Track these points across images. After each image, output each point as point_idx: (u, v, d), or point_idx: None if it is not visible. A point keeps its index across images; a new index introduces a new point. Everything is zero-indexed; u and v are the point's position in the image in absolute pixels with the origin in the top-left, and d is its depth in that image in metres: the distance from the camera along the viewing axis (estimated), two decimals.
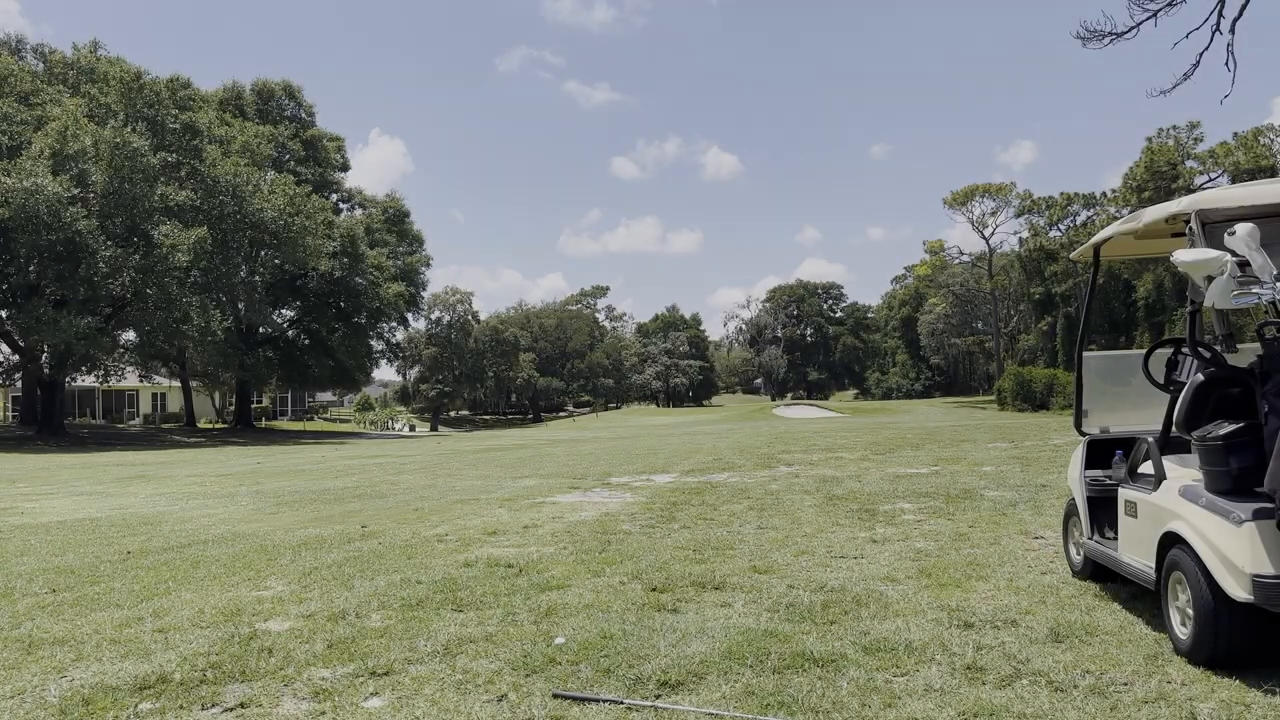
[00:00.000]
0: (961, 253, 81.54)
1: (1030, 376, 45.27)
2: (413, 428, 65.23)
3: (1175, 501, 3.83)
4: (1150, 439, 4.31)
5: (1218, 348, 3.98)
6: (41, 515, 10.27)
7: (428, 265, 60.14)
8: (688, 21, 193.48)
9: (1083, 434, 5.20)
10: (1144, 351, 4.91)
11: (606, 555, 6.19)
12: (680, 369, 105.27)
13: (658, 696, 3.38)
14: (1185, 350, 4.39)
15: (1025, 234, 65.94)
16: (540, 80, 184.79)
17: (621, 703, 3.30)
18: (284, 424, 65.24)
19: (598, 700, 3.32)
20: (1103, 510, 4.84)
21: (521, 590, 5.16)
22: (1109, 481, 4.86)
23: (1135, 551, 4.23)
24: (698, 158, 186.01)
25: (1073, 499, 5.25)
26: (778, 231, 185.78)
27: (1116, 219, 6.15)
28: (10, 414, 54.32)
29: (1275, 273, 3.46)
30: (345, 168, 59.09)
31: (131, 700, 3.48)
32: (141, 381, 57.33)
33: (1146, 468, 4.35)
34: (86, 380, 47.48)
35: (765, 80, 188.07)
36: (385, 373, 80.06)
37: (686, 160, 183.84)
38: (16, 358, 38.54)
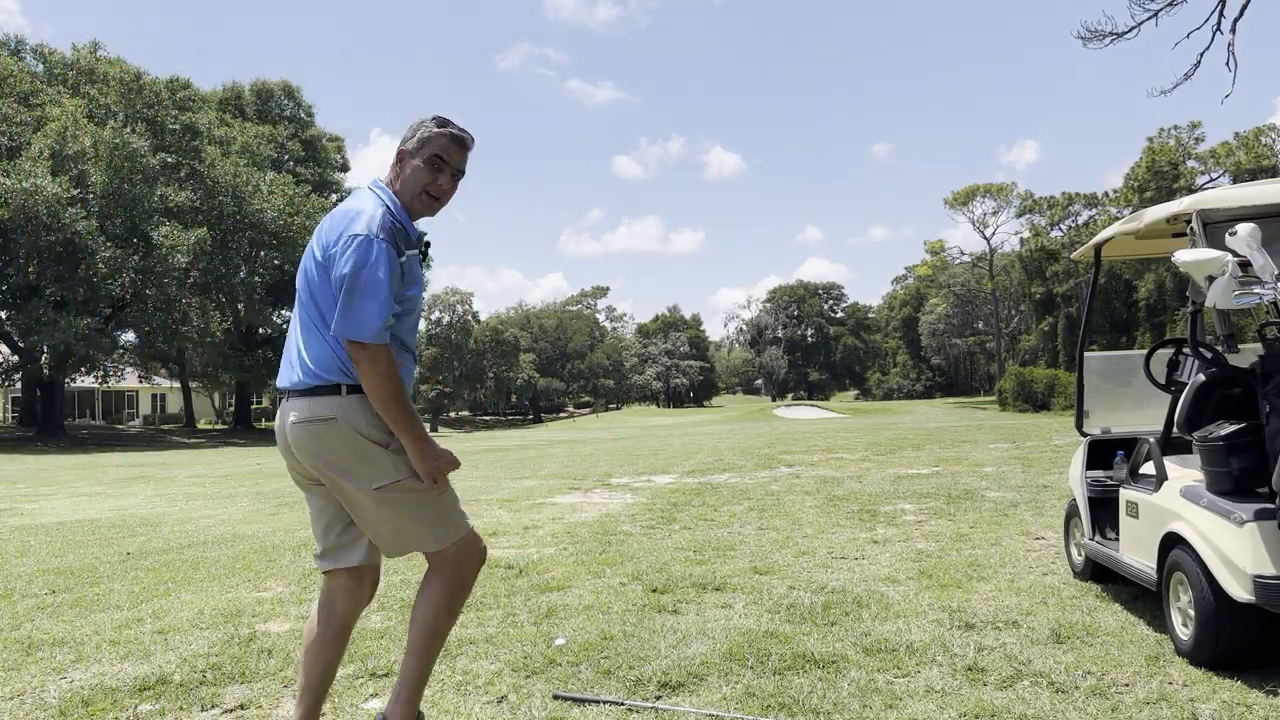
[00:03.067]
0: (962, 253, 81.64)
1: (1031, 377, 45.29)
2: None
3: (1176, 502, 3.82)
4: (1151, 439, 4.30)
5: (1219, 348, 3.97)
6: (41, 516, 10.27)
7: (428, 266, 60.17)
8: (691, 20, 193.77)
9: (1084, 434, 5.19)
10: (1145, 352, 4.90)
11: (607, 556, 6.18)
12: (680, 369, 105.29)
13: (658, 698, 3.37)
14: (1186, 350, 4.38)
15: (1026, 234, 65.97)
16: (542, 78, 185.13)
17: (622, 704, 3.29)
18: None
19: (598, 701, 3.32)
20: (1104, 511, 4.83)
21: (522, 591, 5.15)
22: (1110, 482, 4.85)
23: (1136, 552, 4.22)
24: (700, 157, 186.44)
25: (1074, 500, 5.24)
26: (779, 231, 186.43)
27: (1118, 219, 6.16)
28: (10, 415, 54.31)
29: (1276, 273, 3.46)
30: (345, 168, 59.08)
31: (131, 702, 3.48)
32: (141, 382, 57.36)
33: (1148, 468, 4.34)
34: (86, 381, 47.47)
35: (768, 79, 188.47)
36: None
37: (689, 159, 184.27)
38: (16, 358, 38.53)
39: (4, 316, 37.46)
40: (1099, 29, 16.06)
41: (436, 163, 2.72)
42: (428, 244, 2.84)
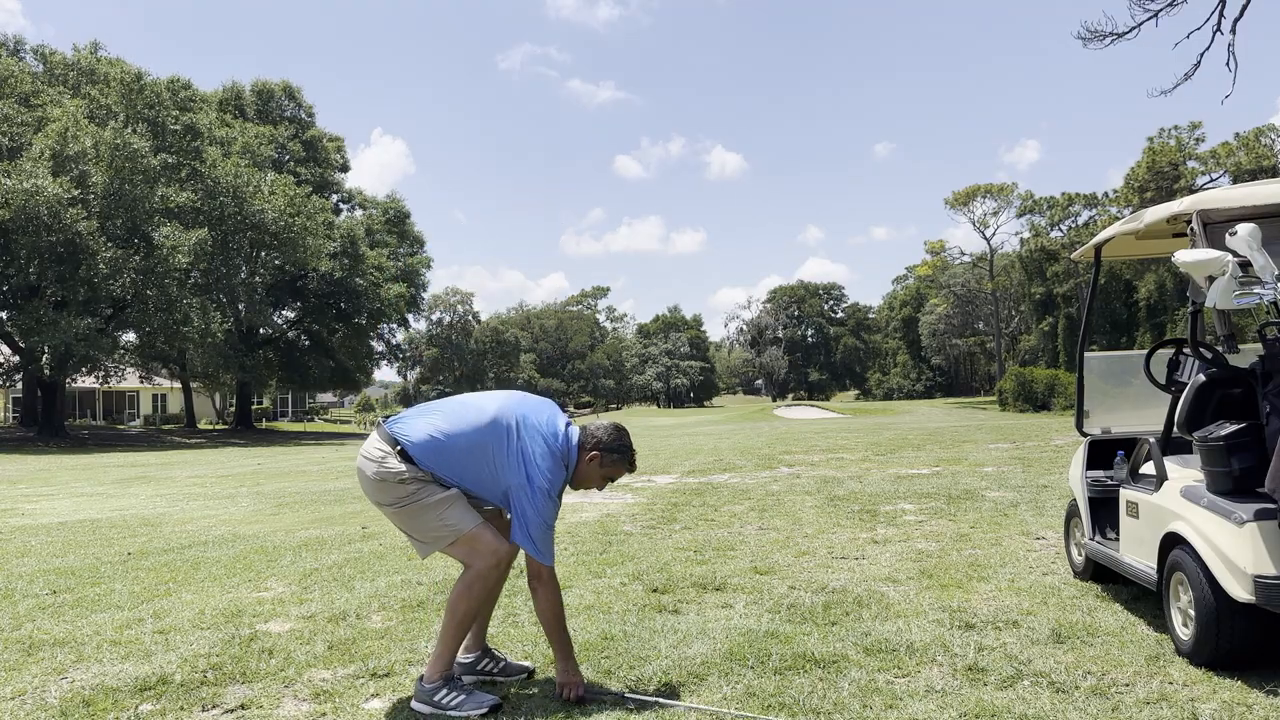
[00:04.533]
0: (963, 253, 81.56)
1: (1031, 377, 45.28)
2: None
3: (1177, 502, 3.82)
4: (1152, 440, 4.30)
5: (1219, 348, 3.97)
6: (42, 516, 10.27)
7: (428, 266, 60.13)
8: (693, 20, 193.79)
9: (1084, 434, 5.19)
10: (1145, 352, 4.90)
11: (607, 556, 6.18)
12: (681, 370, 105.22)
13: (659, 698, 3.38)
14: (1187, 351, 4.38)
15: (1026, 234, 65.92)
16: (544, 78, 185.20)
17: (623, 697, 3.30)
18: (284, 425, 65.24)
19: (608, 695, 3.32)
20: (1104, 511, 4.83)
21: (522, 591, 5.14)
22: (1110, 482, 4.85)
23: (1137, 552, 4.22)
24: (702, 157, 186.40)
25: (1074, 500, 5.24)
26: (781, 231, 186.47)
27: (1118, 219, 6.15)
28: (10, 415, 54.33)
29: (1277, 273, 3.46)
30: (345, 168, 59.08)
31: (132, 702, 3.48)
32: (142, 383, 57.34)
33: (1148, 468, 4.34)
34: (87, 381, 47.46)
35: (770, 79, 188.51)
36: (386, 374, 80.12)
37: (690, 159, 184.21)
38: (17, 359, 38.51)
39: (5, 317, 37.44)
40: (1099, 29, 16.07)
41: (611, 479, 3.62)
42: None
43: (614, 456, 3.54)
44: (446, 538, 3.40)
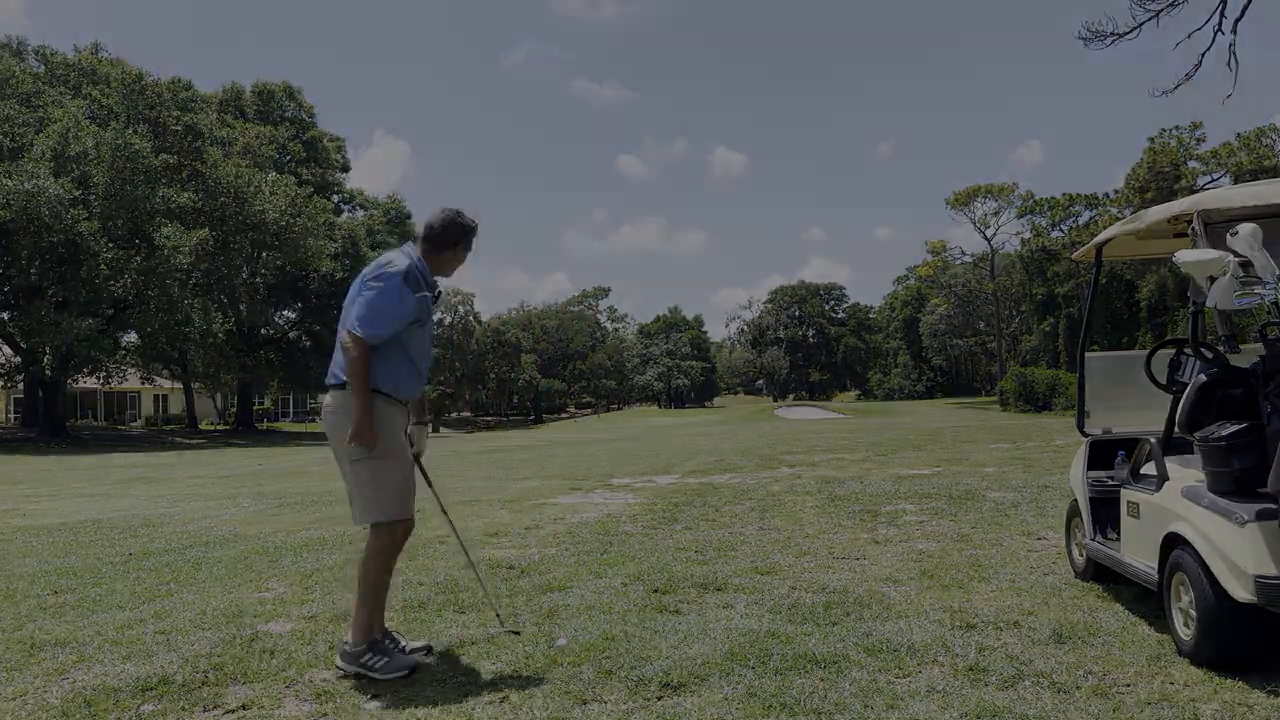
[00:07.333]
0: (964, 253, 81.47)
1: (1032, 377, 45.29)
2: None
3: (1178, 502, 3.82)
4: (1153, 440, 4.30)
5: (1220, 348, 3.97)
6: (43, 517, 10.28)
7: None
8: (697, 19, 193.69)
9: (1085, 435, 5.19)
10: (1146, 352, 4.90)
11: (608, 557, 6.18)
12: (682, 370, 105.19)
13: (660, 698, 3.38)
14: (1188, 351, 4.38)
15: (1027, 234, 65.86)
16: (547, 76, 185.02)
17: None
18: (286, 425, 65.25)
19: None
20: (1105, 511, 4.83)
21: (523, 591, 5.16)
22: (1111, 482, 4.85)
23: (1138, 553, 4.22)
24: (705, 157, 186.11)
25: (1075, 500, 5.24)
26: (783, 231, 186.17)
27: (1119, 219, 6.13)
28: (12, 416, 54.36)
29: (1277, 273, 3.46)
30: (346, 168, 59.07)
31: (133, 702, 3.48)
32: (143, 383, 57.37)
33: (1149, 469, 4.34)
34: (88, 382, 47.47)
35: (774, 79, 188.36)
36: None
37: (693, 159, 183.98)
38: (18, 360, 38.54)
39: (6, 318, 37.48)
40: (1100, 29, 16.08)
41: (468, 250, 4.11)
42: (439, 293, 4.09)
43: (469, 239, 4.07)
44: (373, 515, 3.79)
